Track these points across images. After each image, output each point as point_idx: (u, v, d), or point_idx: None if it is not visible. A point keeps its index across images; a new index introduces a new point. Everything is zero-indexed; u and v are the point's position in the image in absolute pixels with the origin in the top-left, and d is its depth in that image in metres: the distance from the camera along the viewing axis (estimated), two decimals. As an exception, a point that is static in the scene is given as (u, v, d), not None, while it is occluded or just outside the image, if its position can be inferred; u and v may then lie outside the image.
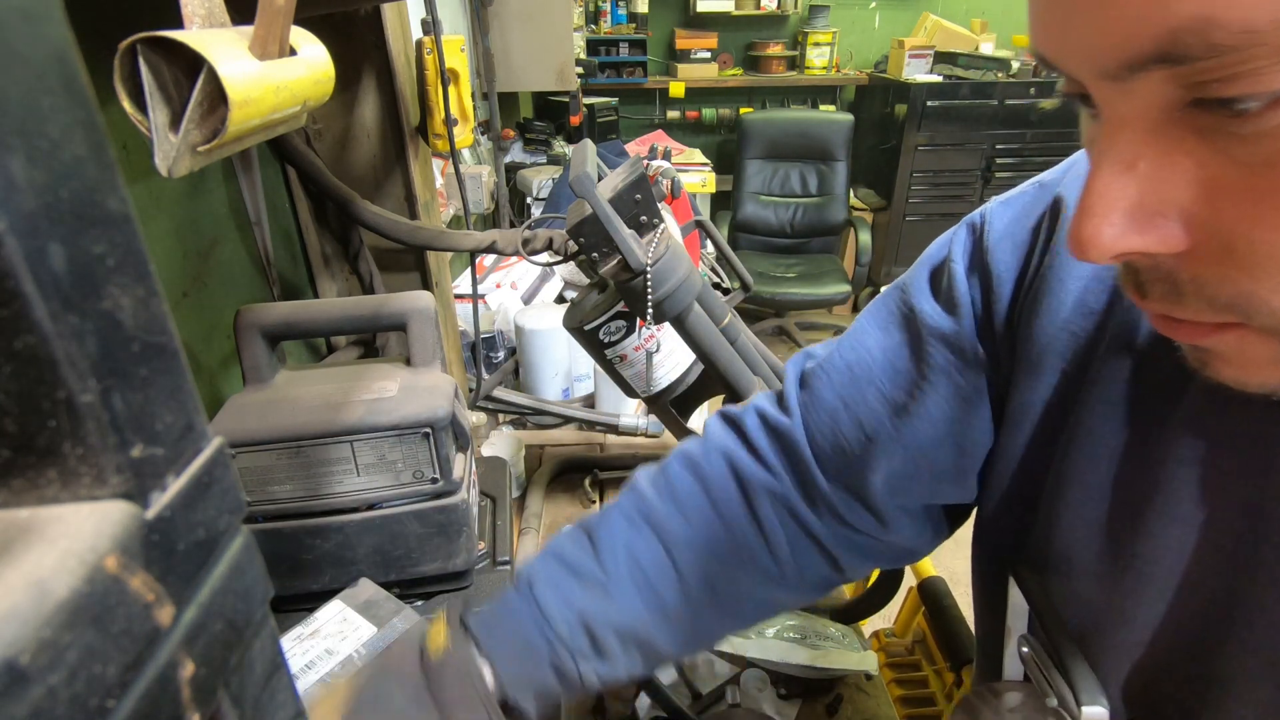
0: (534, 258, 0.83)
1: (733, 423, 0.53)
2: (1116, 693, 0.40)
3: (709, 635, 0.51)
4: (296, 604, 0.67)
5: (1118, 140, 0.25)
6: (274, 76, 0.40)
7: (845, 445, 0.47)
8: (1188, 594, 0.35)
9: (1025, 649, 0.43)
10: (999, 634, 0.45)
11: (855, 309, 3.84)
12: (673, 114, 3.95)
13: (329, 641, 0.58)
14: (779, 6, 3.72)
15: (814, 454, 0.49)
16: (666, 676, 0.70)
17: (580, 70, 2.84)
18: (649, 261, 0.59)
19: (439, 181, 1.39)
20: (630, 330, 0.71)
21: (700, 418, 1.05)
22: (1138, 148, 0.24)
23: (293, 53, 0.44)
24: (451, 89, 0.88)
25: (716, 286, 1.59)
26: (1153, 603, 0.36)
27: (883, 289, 0.51)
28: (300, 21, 0.45)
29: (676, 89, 3.71)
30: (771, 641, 0.70)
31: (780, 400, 0.51)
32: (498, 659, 0.44)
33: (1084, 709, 0.37)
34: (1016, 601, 0.43)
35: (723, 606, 0.49)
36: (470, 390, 1.09)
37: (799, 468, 0.49)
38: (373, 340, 0.96)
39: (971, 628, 0.89)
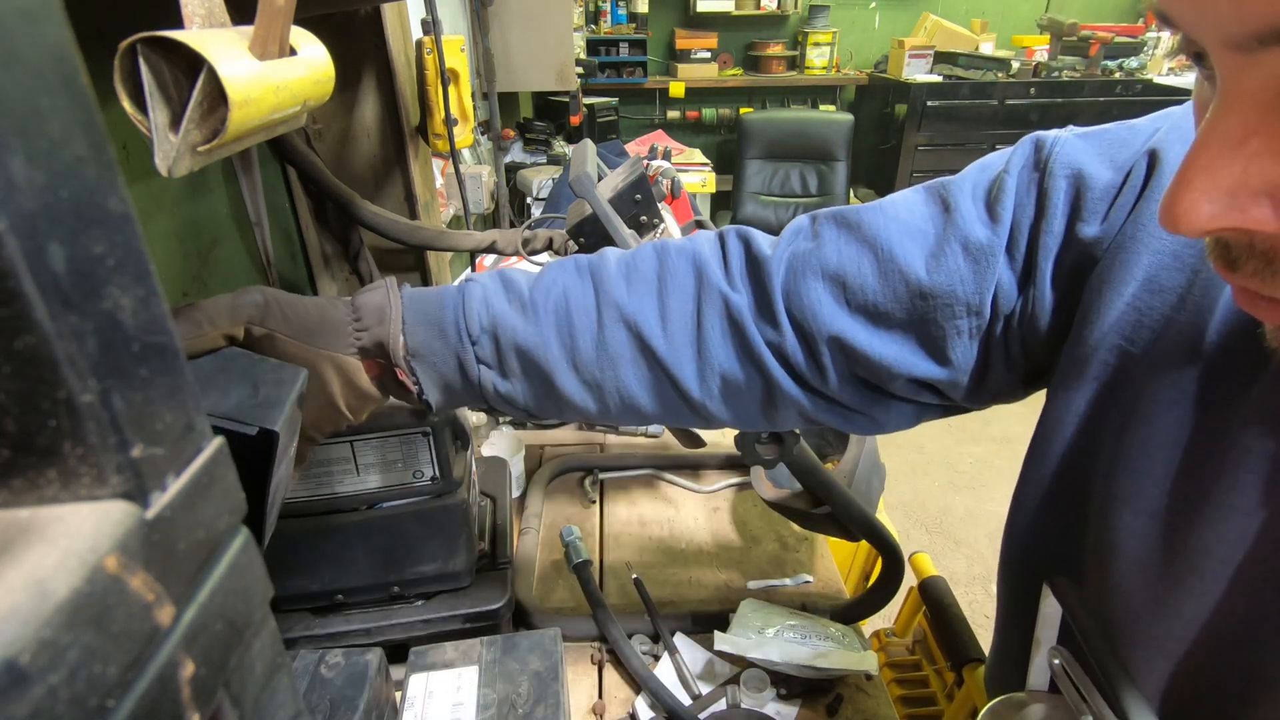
0: (534, 258, 0.83)
1: (719, 237, 0.51)
2: (1151, 690, 0.39)
3: (608, 401, 0.49)
4: (297, 604, 0.67)
5: (1231, 114, 0.24)
6: (274, 76, 0.40)
7: (816, 293, 0.46)
8: (1238, 590, 0.34)
9: (1057, 660, 0.41)
10: (1025, 644, 0.44)
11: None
12: (673, 114, 3.95)
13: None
14: (779, 6, 3.73)
15: (781, 289, 0.47)
16: (667, 677, 0.70)
17: (580, 70, 2.84)
18: (649, 261, 0.59)
19: (439, 181, 1.39)
20: (630, 330, 0.70)
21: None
22: (1251, 124, 0.24)
23: (293, 53, 0.44)
24: (451, 89, 0.88)
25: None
26: (1200, 596, 0.36)
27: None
28: (300, 21, 0.45)
29: (676, 89, 3.71)
30: (771, 641, 0.70)
31: (774, 237, 0.50)
32: (410, 325, 0.45)
33: None
34: (1049, 612, 0.42)
35: (627, 378, 0.48)
36: (470, 390, 1.09)
37: (763, 293, 0.48)
38: (373, 340, 0.96)
39: (972, 627, 0.89)
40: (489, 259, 1.60)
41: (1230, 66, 0.24)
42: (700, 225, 0.78)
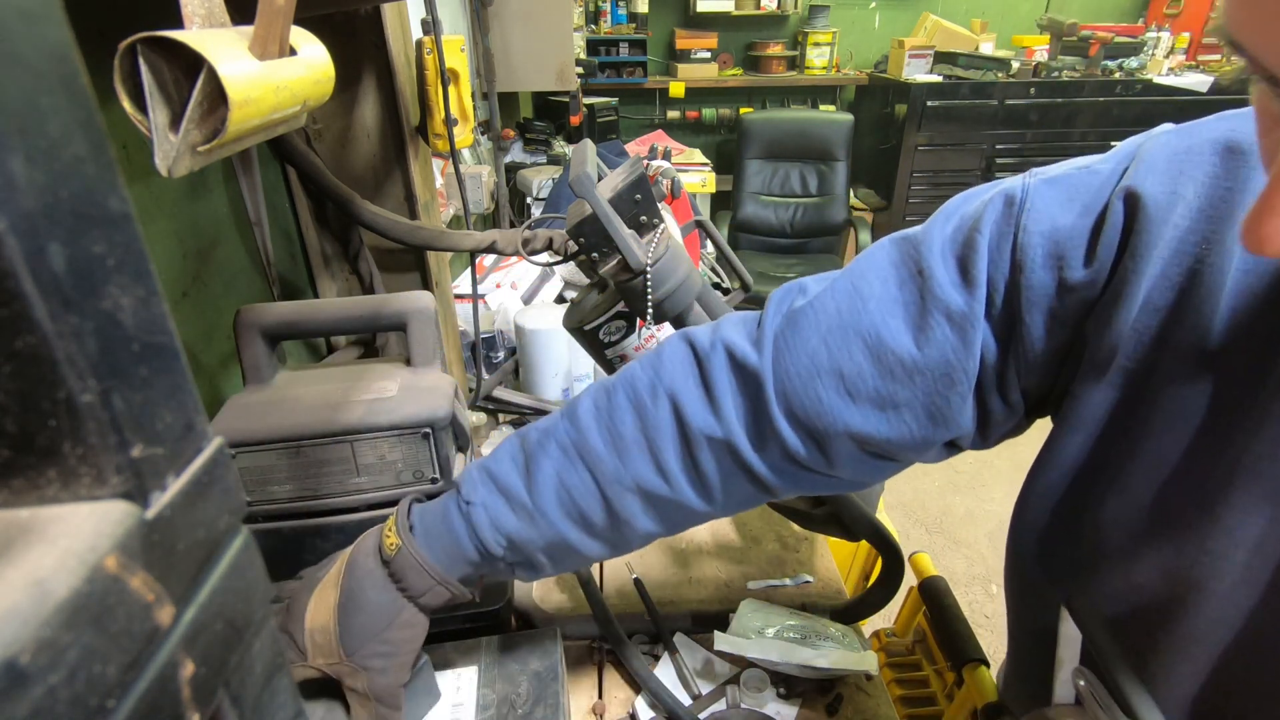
0: (534, 258, 0.83)
1: (697, 358, 0.50)
2: (1178, 696, 0.39)
3: (631, 544, 0.54)
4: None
5: None
6: (274, 76, 0.40)
7: (819, 393, 0.46)
8: (1262, 590, 0.35)
9: (1082, 682, 0.42)
10: (1046, 661, 0.45)
11: (855, 309, 3.84)
12: (673, 114, 3.95)
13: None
14: (779, 6, 3.72)
15: (776, 394, 0.47)
16: (667, 677, 0.70)
17: (580, 70, 2.84)
18: (649, 261, 0.59)
19: (439, 181, 1.39)
20: (630, 330, 0.71)
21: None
22: None
23: (293, 53, 0.44)
24: (451, 89, 0.88)
25: (716, 286, 1.59)
26: (1223, 596, 0.36)
27: (889, 236, 0.49)
28: (300, 21, 0.45)
29: (676, 89, 3.71)
30: (771, 641, 0.70)
31: (755, 333, 0.50)
32: (446, 572, 0.51)
33: None
34: (1069, 633, 0.42)
35: (644, 525, 0.52)
36: (470, 390, 1.09)
37: (757, 407, 0.48)
38: (373, 340, 0.96)
39: (972, 628, 0.89)
40: (488, 259, 1.60)
41: None
42: (700, 225, 0.78)
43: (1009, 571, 0.51)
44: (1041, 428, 0.48)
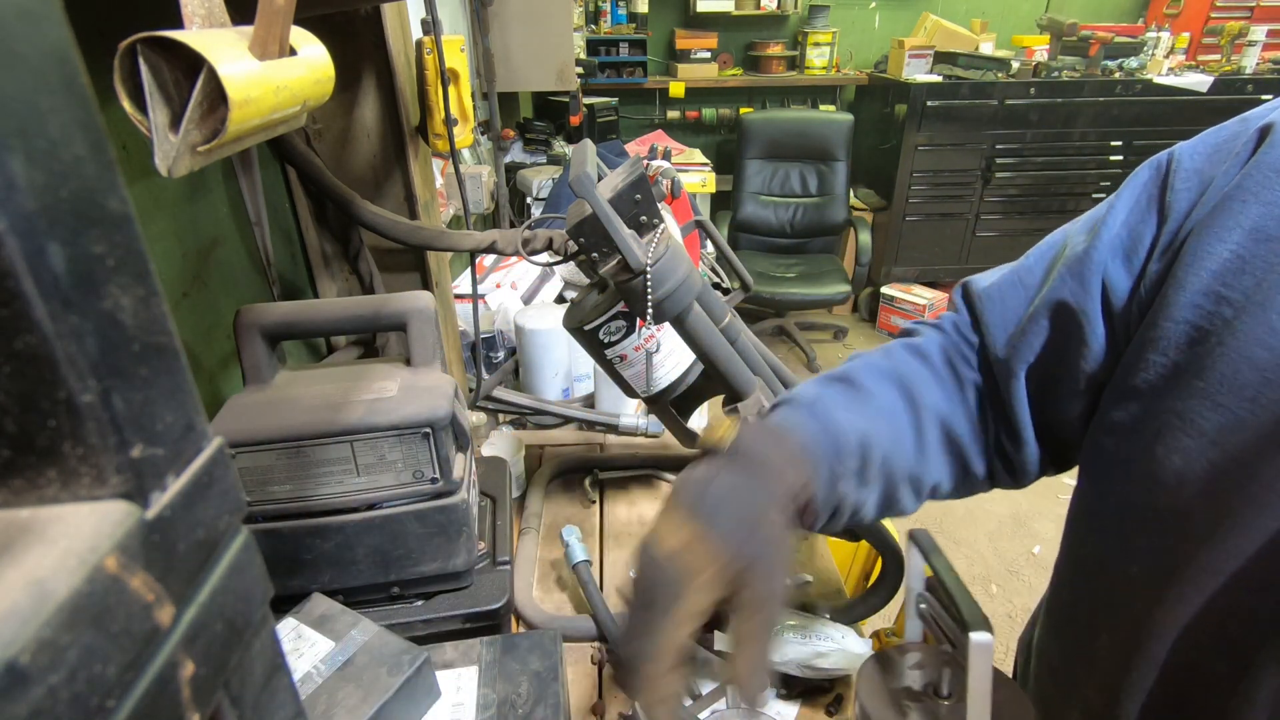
0: (534, 258, 0.83)
1: (937, 327, 0.57)
2: (1174, 623, 0.40)
3: (924, 492, 0.53)
4: (297, 604, 0.67)
5: None
6: (274, 76, 0.40)
7: (993, 353, 0.51)
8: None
9: (924, 605, 0.44)
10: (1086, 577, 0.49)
11: (855, 309, 3.84)
12: (673, 114, 3.95)
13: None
14: (779, 6, 3.72)
15: (996, 375, 0.52)
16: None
17: (580, 70, 2.84)
18: (649, 261, 0.59)
19: (439, 181, 1.39)
20: (630, 330, 0.71)
21: (700, 418, 1.05)
22: None
23: (293, 53, 0.44)
24: (451, 89, 0.88)
25: (716, 286, 1.59)
26: (1255, 531, 0.36)
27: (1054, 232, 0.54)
28: (300, 21, 0.45)
29: (676, 89, 3.71)
30: (771, 641, 0.70)
31: (963, 323, 0.55)
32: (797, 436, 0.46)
33: (971, 635, 0.38)
34: (914, 563, 0.45)
35: (938, 469, 0.52)
36: (470, 390, 1.09)
37: (990, 380, 0.53)
38: (373, 340, 0.96)
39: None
40: (488, 259, 1.60)
41: None
42: (700, 225, 0.78)
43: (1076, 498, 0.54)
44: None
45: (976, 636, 0.38)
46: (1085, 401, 0.50)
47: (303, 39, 0.46)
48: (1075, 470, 0.54)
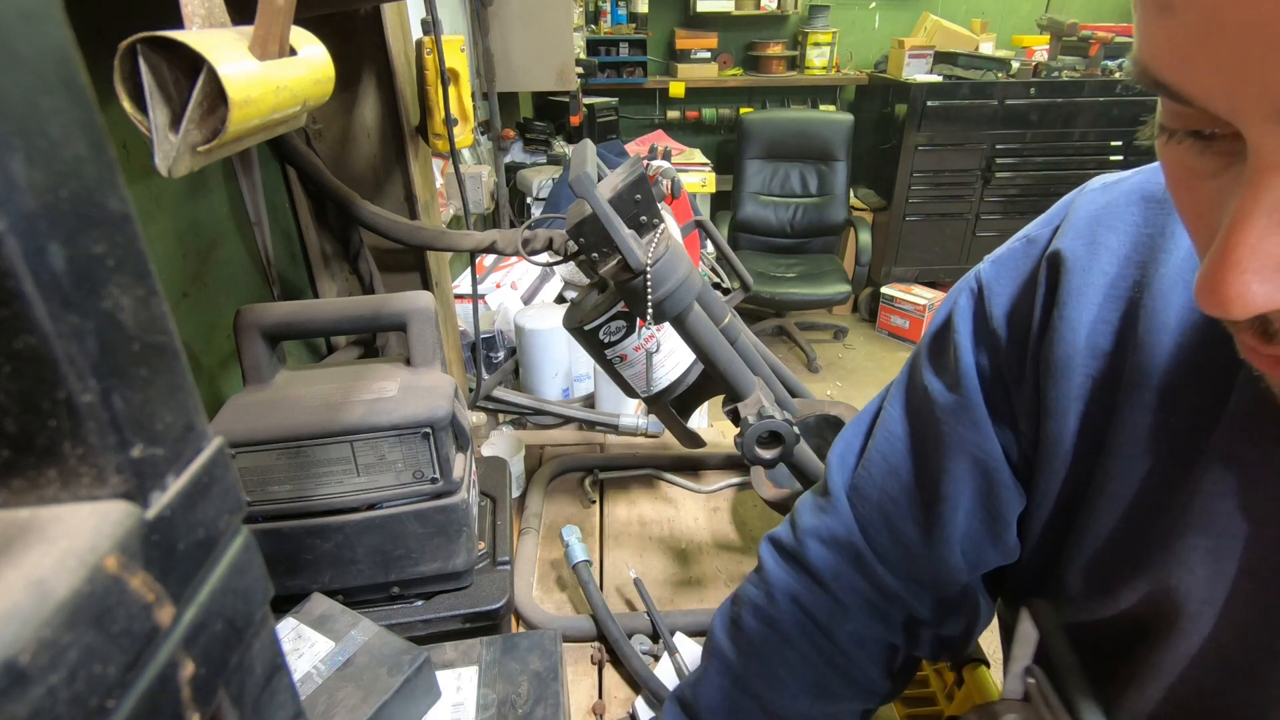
0: (534, 258, 0.83)
1: (792, 558, 0.53)
2: (1125, 710, 0.40)
3: None
4: (297, 604, 0.67)
5: (1274, 187, 0.22)
6: (274, 76, 0.40)
7: (903, 540, 0.49)
8: (1224, 622, 0.35)
9: (1032, 680, 0.43)
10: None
11: (855, 309, 3.84)
12: (673, 114, 3.95)
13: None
14: (779, 6, 3.72)
15: (878, 558, 0.50)
16: (667, 677, 0.70)
17: (580, 70, 2.83)
18: (649, 261, 0.59)
19: (439, 181, 1.39)
20: (630, 330, 0.70)
21: (700, 418, 1.05)
22: None
23: (293, 53, 0.44)
24: (451, 89, 0.88)
25: (716, 286, 1.59)
26: (1183, 629, 0.36)
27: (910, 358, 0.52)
28: (300, 21, 0.45)
29: (676, 89, 3.71)
30: (771, 641, 0.70)
31: (829, 506, 0.52)
32: None
33: None
34: (1026, 632, 0.44)
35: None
36: (470, 390, 1.09)
37: (870, 578, 0.50)
38: (373, 340, 0.96)
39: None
40: (488, 259, 1.60)
41: (1273, 138, 0.22)
42: (700, 225, 0.78)
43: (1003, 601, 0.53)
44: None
45: None
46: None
47: (303, 39, 0.46)
48: None
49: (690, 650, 0.73)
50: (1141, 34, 0.24)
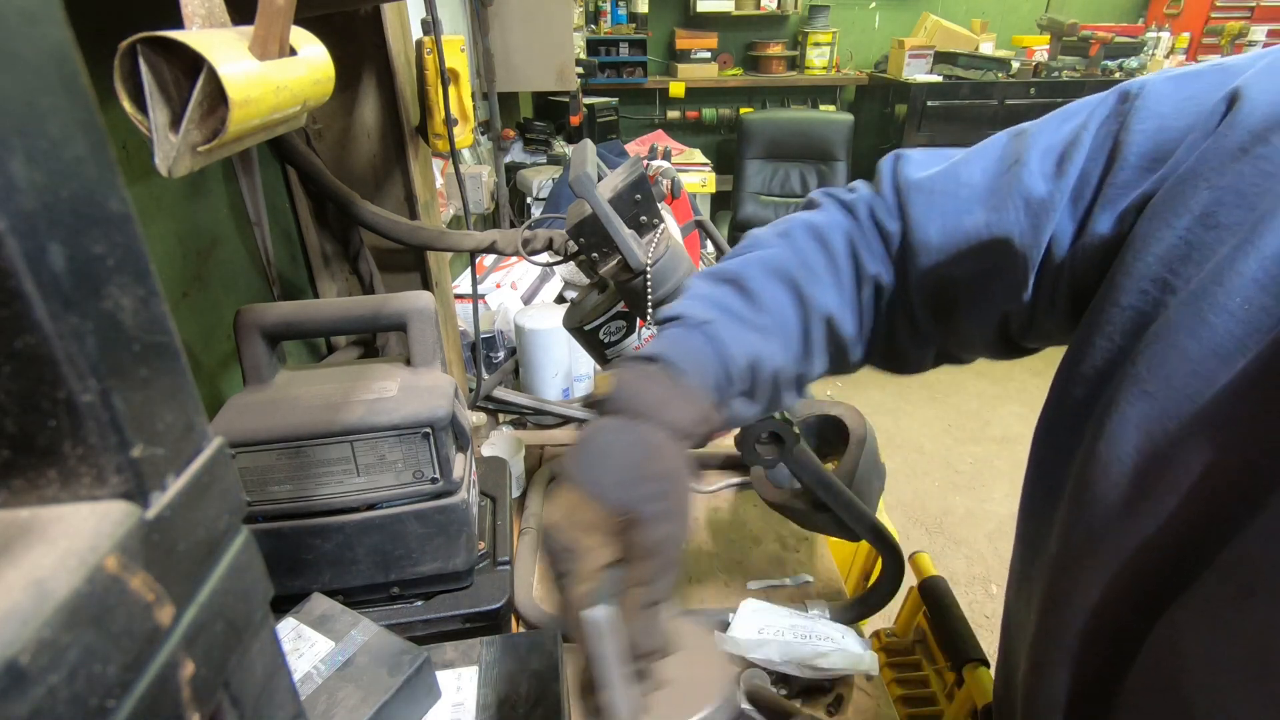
0: (534, 258, 0.83)
1: (850, 212, 0.54)
2: (1091, 591, 0.39)
3: (805, 387, 0.55)
4: (297, 604, 0.67)
5: None
6: (274, 76, 0.40)
7: (910, 262, 0.50)
8: (1198, 508, 0.34)
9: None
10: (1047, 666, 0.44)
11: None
12: (673, 114, 3.95)
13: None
14: (779, 6, 3.72)
15: (911, 264, 0.51)
16: (666, 676, 0.70)
17: (580, 70, 2.83)
18: (649, 261, 0.59)
19: (439, 181, 1.39)
20: (630, 330, 0.71)
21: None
22: None
23: (293, 53, 0.44)
24: (451, 89, 0.88)
25: (716, 286, 1.58)
26: (1163, 515, 0.36)
27: (1012, 129, 0.51)
28: (300, 21, 0.45)
29: (676, 89, 3.71)
30: (771, 641, 0.70)
31: (881, 203, 0.53)
32: (684, 368, 0.45)
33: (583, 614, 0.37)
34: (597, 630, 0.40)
35: (819, 372, 0.54)
36: (470, 390, 1.09)
37: (901, 273, 0.52)
38: (373, 340, 0.96)
39: (972, 628, 0.89)
40: (489, 259, 1.60)
41: None
42: (700, 225, 0.78)
43: (1017, 553, 0.51)
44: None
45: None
46: (993, 328, 0.51)
47: (303, 39, 0.46)
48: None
49: (690, 650, 0.73)
50: None
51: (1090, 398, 0.42)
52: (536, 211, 1.97)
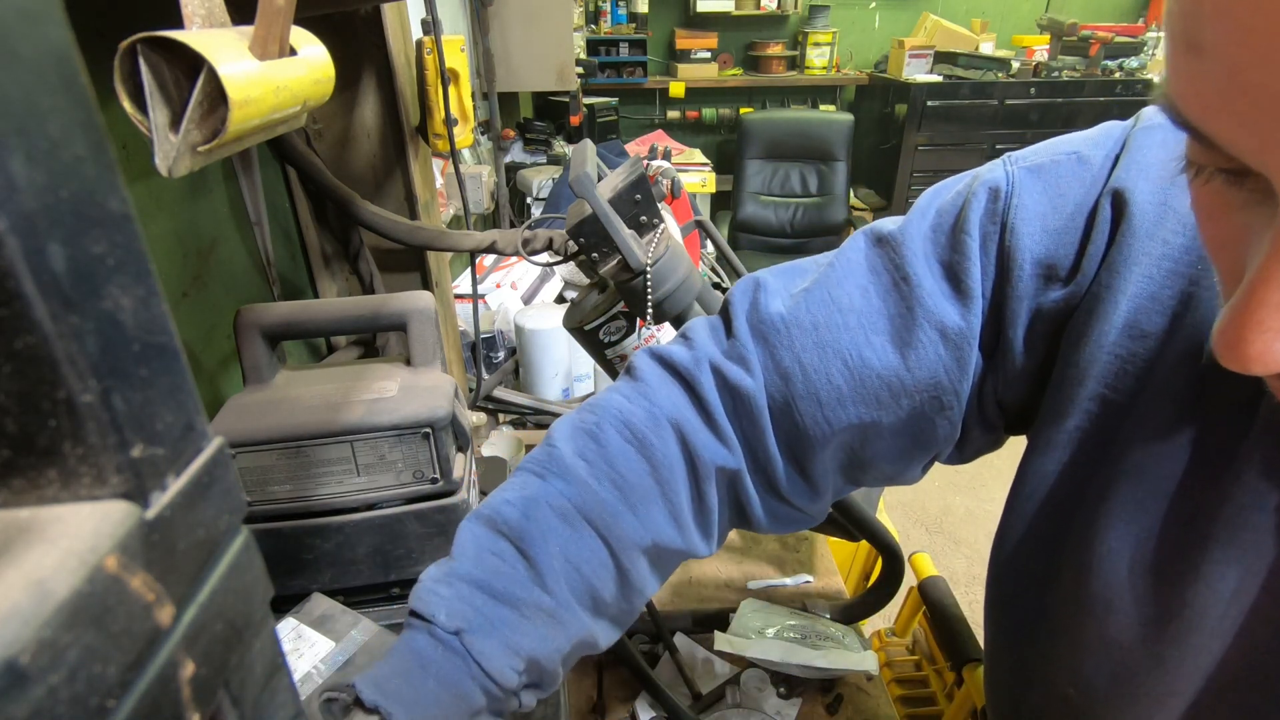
0: (534, 258, 0.83)
1: (684, 381, 0.45)
2: None
3: (628, 622, 0.47)
4: (297, 604, 0.67)
5: None
6: (274, 76, 0.40)
7: (798, 419, 0.43)
8: (1237, 646, 0.33)
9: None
10: (1022, 679, 0.43)
11: (855, 309, 3.84)
12: (673, 114, 3.96)
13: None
14: (779, 6, 3.73)
15: (772, 420, 0.44)
16: (666, 677, 0.70)
17: (580, 70, 2.84)
18: (649, 261, 0.59)
19: (439, 181, 1.39)
20: (630, 330, 0.71)
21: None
22: None
23: (293, 53, 0.44)
24: (451, 89, 0.88)
25: (716, 286, 1.59)
26: (1197, 653, 0.34)
27: (863, 232, 0.44)
28: (300, 21, 0.45)
29: (676, 89, 3.71)
30: (771, 641, 0.70)
31: (732, 347, 0.45)
32: None
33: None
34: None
35: (652, 588, 0.45)
36: (470, 390, 1.09)
37: (755, 440, 0.44)
38: (373, 340, 0.96)
39: (972, 628, 0.89)
40: (489, 259, 1.60)
41: None
42: (700, 225, 0.78)
43: (991, 596, 0.48)
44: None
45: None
46: (903, 463, 0.45)
47: (303, 39, 0.46)
48: None
49: (690, 650, 0.73)
50: (1171, 70, 0.23)
51: (1061, 530, 0.40)
52: (536, 211, 1.97)
